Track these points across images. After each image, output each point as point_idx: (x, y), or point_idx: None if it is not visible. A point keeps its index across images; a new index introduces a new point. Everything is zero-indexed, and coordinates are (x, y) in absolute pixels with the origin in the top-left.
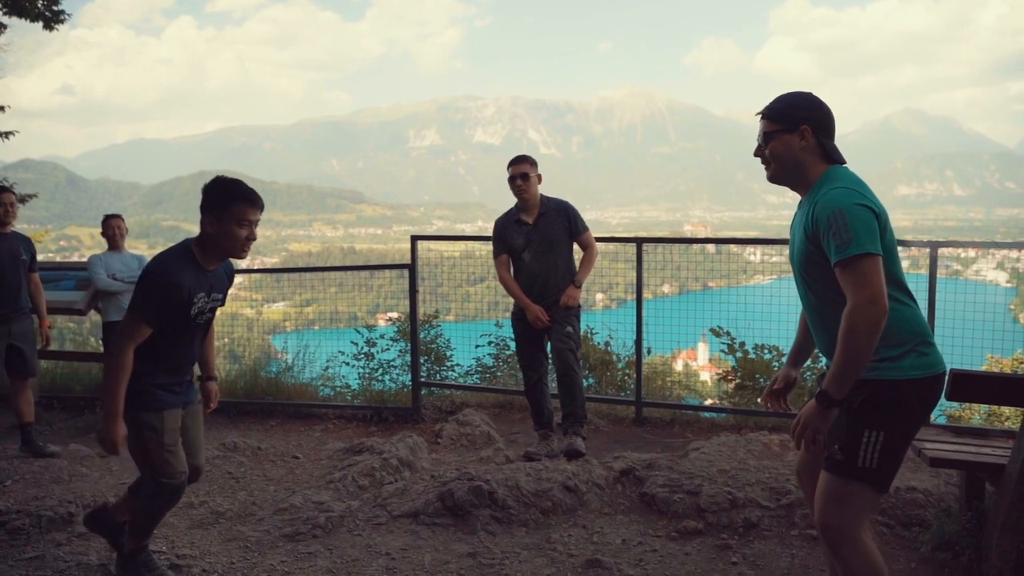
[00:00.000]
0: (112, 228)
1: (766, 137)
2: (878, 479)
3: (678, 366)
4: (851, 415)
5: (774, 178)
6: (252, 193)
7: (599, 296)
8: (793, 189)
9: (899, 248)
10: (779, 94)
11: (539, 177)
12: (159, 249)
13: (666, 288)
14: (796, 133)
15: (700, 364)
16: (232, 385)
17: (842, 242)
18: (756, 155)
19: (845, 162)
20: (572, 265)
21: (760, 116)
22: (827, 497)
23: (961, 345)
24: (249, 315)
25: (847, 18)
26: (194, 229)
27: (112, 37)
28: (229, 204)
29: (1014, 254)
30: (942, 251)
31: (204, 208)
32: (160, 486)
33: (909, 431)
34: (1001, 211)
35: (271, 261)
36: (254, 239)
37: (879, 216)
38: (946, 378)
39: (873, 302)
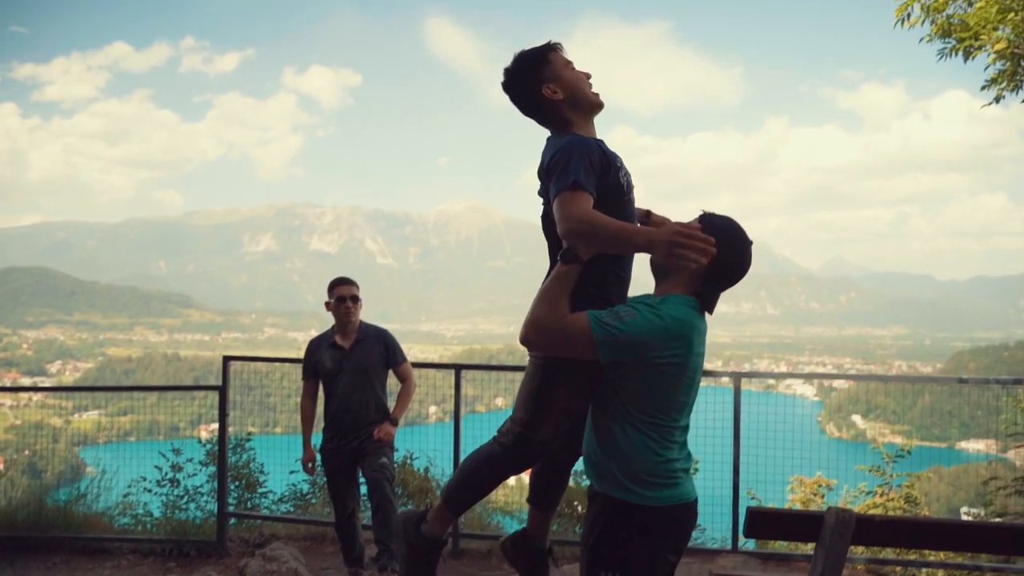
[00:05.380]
0: None
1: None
2: None
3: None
4: (590, 552)
5: (651, 261)
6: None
7: (432, 409)
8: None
9: (710, 378)
10: (731, 216)
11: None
12: None
13: (500, 401)
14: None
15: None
16: (12, 516)
17: None
18: None
19: (709, 312)
20: (385, 396)
21: (702, 211)
22: None
23: (766, 465)
24: (56, 424)
25: (671, 147)
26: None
27: None
28: None
29: (820, 369)
30: (758, 365)
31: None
32: None
33: (648, 563)
34: (807, 329)
35: (85, 366)
36: None
37: (670, 353)
38: (687, 508)
39: (537, 326)
